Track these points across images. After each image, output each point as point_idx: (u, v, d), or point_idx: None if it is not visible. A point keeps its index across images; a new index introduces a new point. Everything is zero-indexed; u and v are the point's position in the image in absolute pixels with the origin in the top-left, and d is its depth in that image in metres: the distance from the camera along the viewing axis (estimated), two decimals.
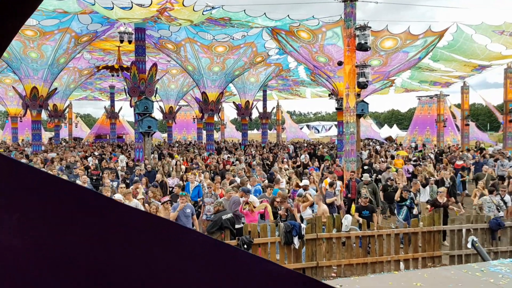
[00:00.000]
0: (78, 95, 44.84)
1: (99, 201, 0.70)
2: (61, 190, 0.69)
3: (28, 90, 22.21)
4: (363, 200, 9.93)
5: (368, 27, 13.91)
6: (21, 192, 0.67)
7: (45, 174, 0.70)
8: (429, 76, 32.90)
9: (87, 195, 0.70)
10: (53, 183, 0.69)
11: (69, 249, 0.65)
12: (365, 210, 9.70)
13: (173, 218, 8.54)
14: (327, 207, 9.50)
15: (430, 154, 24.13)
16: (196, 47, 22.88)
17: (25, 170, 0.69)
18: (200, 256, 0.65)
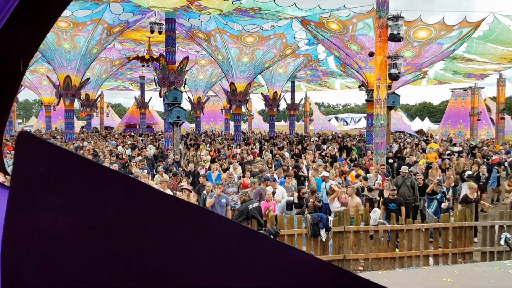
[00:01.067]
0: (110, 85, 45.72)
1: (141, 189, 0.70)
2: (104, 177, 0.69)
3: (61, 79, 22.78)
4: (390, 192, 9.76)
5: (401, 17, 13.57)
6: (69, 178, 0.68)
7: (89, 161, 0.70)
8: (463, 68, 31.93)
9: (131, 183, 0.70)
10: (98, 170, 0.70)
11: (108, 235, 0.66)
12: (393, 203, 9.54)
13: (209, 206, 8.62)
14: (360, 199, 9.39)
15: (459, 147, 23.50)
16: (225, 37, 22.90)
17: (74, 158, 0.70)
18: (235, 244, 0.64)
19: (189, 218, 0.66)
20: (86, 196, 0.65)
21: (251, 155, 17.39)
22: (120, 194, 0.65)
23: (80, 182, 0.65)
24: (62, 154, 0.67)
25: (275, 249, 0.64)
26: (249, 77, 25.19)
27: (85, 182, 0.66)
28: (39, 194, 0.66)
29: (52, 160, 0.66)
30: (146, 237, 0.65)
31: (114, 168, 8.27)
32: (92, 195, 0.66)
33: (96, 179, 0.66)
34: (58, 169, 0.66)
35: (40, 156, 0.67)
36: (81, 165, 0.66)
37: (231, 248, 0.63)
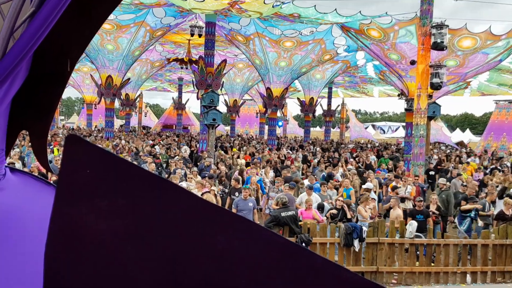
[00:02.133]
0: (149, 85, 46.75)
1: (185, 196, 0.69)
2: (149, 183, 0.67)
3: (103, 79, 23.48)
4: (417, 203, 9.45)
5: (445, 25, 13.21)
6: (114, 182, 0.67)
7: (132, 165, 0.69)
8: (509, 79, 30.74)
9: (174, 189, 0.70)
10: (143, 175, 0.69)
11: (147, 239, 0.65)
12: (419, 215, 9.21)
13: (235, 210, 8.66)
14: (401, 212, 9.16)
15: (507, 162, 22.55)
16: (264, 41, 22.98)
17: (120, 162, 0.69)
18: (264, 252, 0.63)
19: (233, 228, 0.64)
20: (131, 201, 0.65)
21: (287, 160, 17.34)
22: (165, 201, 0.65)
23: (126, 186, 0.65)
24: (109, 158, 0.67)
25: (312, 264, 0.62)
26: (285, 82, 25.15)
27: (130, 187, 0.65)
28: (84, 197, 0.66)
29: (99, 163, 0.66)
30: (189, 245, 0.64)
31: (152, 168, 8.43)
32: (137, 200, 0.65)
33: (141, 184, 0.65)
34: (104, 172, 0.66)
35: (87, 159, 0.67)
36: (127, 170, 0.65)
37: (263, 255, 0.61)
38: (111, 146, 19.47)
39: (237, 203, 8.74)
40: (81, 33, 1.10)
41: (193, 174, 11.96)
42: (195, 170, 12.24)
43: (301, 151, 22.53)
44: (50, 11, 0.82)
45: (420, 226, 8.77)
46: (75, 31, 1.07)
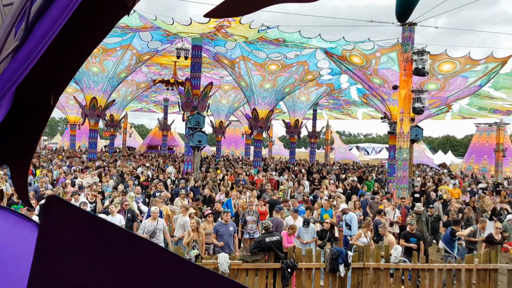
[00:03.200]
0: (134, 106, 46.61)
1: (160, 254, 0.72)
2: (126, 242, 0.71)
3: (88, 100, 23.35)
4: (410, 227, 9.54)
5: (426, 52, 13.57)
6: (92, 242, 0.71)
7: (113, 225, 0.73)
8: (489, 104, 31.50)
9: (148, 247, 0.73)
10: (120, 235, 0.72)
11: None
12: (413, 238, 9.30)
13: (214, 237, 8.62)
14: (393, 237, 9.20)
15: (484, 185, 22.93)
16: (249, 64, 23.22)
17: (98, 222, 0.73)
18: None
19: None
20: (107, 257, 0.68)
21: (269, 182, 17.31)
22: (139, 260, 0.68)
23: (102, 244, 0.68)
24: (87, 218, 0.70)
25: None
26: (271, 103, 25.35)
27: (106, 244, 0.68)
28: (62, 253, 0.69)
29: (77, 224, 0.69)
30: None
31: (137, 190, 8.37)
32: (112, 255, 0.68)
33: (119, 244, 0.68)
34: (83, 233, 0.69)
35: (67, 219, 0.70)
36: (105, 230, 0.69)
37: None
38: (94, 168, 19.25)
39: (217, 228, 8.68)
40: (66, 67, 1.10)
41: (181, 196, 11.88)
42: (182, 192, 12.16)
43: (287, 173, 22.59)
44: (35, 46, 0.81)
45: (412, 250, 8.89)
46: (59, 65, 1.07)
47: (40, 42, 0.84)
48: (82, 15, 0.94)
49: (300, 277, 7.98)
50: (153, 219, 8.75)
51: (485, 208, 13.73)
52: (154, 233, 8.61)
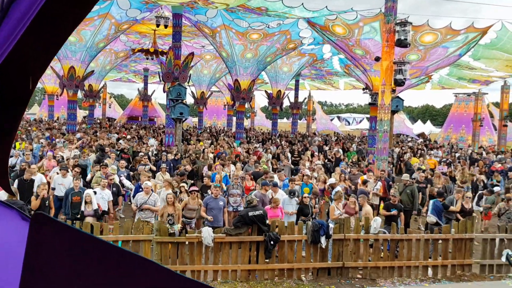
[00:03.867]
0: (113, 76, 45.64)
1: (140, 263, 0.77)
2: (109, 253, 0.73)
3: (65, 70, 22.75)
4: (392, 198, 9.76)
5: (409, 22, 13.51)
6: (77, 255, 0.72)
7: (96, 239, 0.75)
8: (468, 74, 31.84)
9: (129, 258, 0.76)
10: (102, 247, 0.73)
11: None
12: (394, 208, 9.54)
13: (204, 211, 8.67)
14: (371, 208, 9.38)
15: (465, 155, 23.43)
16: (231, 34, 22.83)
17: (83, 237, 0.75)
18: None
19: None
20: (92, 270, 0.70)
21: (254, 154, 17.34)
22: (124, 270, 0.72)
23: (88, 258, 0.70)
24: (73, 233, 0.71)
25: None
26: (252, 73, 25.12)
27: (92, 258, 0.70)
28: (50, 276, 0.70)
29: (63, 240, 0.70)
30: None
31: (121, 164, 8.25)
32: (98, 268, 0.70)
33: (102, 256, 0.70)
34: (68, 248, 0.70)
35: (53, 236, 0.71)
36: (88, 243, 0.70)
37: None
38: (75, 141, 18.95)
39: (207, 202, 8.72)
40: (44, 50, 1.07)
41: (162, 170, 11.83)
42: (163, 166, 12.09)
43: (267, 144, 22.67)
44: (12, 28, 0.80)
45: (394, 220, 9.11)
46: (37, 48, 1.04)
47: (17, 24, 0.80)
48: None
49: (283, 249, 8.13)
50: (146, 194, 8.76)
51: (463, 179, 14.05)
52: (141, 206, 8.67)
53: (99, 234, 7.53)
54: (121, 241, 7.58)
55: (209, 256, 7.91)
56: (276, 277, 8.07)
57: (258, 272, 8.05)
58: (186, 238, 7.79)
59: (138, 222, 7.88)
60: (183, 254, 7.82)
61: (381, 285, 8.06)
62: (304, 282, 7.96)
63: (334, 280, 8.11)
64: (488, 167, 18.24)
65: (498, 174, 15.13)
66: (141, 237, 7.65)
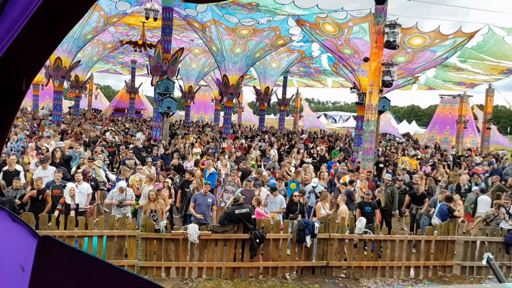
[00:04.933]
0: (100, 67, 45.13)
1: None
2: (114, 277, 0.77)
3: (52, 60, 22.42)
4: (366, 196, 9.84)
5: (398, 24, 13.62)
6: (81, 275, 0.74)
7: (100, 261, 0.77)
8: (454, 76, 32.26)
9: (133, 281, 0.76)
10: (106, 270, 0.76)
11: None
12: (368, 206, 9.62)
13: (192, 207, 8.65)
14: (346, 208, 9.44)
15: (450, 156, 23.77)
16: (221, 29, 22.74)
17: (89, 260, 0.76)
18: None
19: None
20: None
21: (239, 150, 17.34)
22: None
23: (93, 282, 0.70)
24: (80, 257, 0.72)
25: None
26: (241, 69, 25.07)
27: (96, 279, 0.70)
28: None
29: (70, 263, 0.70)
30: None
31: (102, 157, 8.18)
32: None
33: (107, 278, 0.70)
34: (74, 271, 0.70)
35: (60, 259, 0.72)
36: (94, 266, 0.71)
37: None
38: (57, 132, 18.72)
39: (196, 198, 8.70)
40: (39, 51, 1.07)
41: (148, 164, 11.76)
42: (149, 160, 12.01)
43: (255, 141, 22.71)
44: (8, 27, 0.79)
45: (368, 218, 9.20)
46: (33, 49, 1.04)
47: (14, 22, 0.80)
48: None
49: (268, 247, 8.17)
50: (121, 192, 8.73)
51: (451, 180, 14.25)
52: (121, 203, 8.64)
53: (84, 229, 7.48)
54: (106, 236, 7.54)
55: (194, 253, 7.91)
56: (261, 275, 8.11)
57: (243, 270, 8.09)
58: (171, 235, 7.78)
59: (124, 218, 7.85)
60: (168, 250, 7.81)
61: (364, 284, 8.17)
62: (288, 281, 8.02)
63: (318, 279, 8.18)
64: (469, 168, 18.54)
65: (477, 177, 15.35)
66: (127, 232, 7.61)
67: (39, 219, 7.28)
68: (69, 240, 7.40)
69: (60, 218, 7.57)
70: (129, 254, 7.66)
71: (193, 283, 7.55)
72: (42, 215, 7.48)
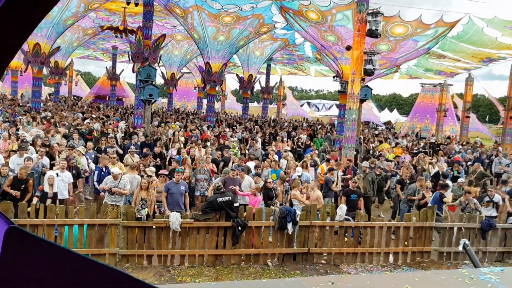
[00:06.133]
0: (80, 53, 44.28)
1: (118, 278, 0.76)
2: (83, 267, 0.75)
3: (31, 46, 21.92)
4: (352, 184, 9.95)
5: (380, 13, 13.67)
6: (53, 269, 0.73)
7: (71, 252, 0.76)
8: (435, 65, 32.62)
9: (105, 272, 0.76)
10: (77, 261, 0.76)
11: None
12: (353, 194, 9.76)
13: (165, 197, 8.62)
14: (321, 193, 9.54)
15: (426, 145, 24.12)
16: (203, 15, 22.50)
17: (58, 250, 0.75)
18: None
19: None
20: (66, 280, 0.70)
21: (222, 138, 17.31)
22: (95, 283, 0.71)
23: (61, 272, 0.70)
24: (49, 248, 0.71)
25: None
26: (224, 56, 24.92)
27: (65, 272, 0.70)
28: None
29: (39, 255, 0.70)
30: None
31: (89, 146, 8.12)
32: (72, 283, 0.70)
33: (75, 268, 0.71)
34: (44, 263, 0.70)
35: (28, 251, 0.71)
36: (65, 257, 0.70)
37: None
38: (39, 119, 18.40)
39: (168, 187, 8.67)
40: (12, 39, 1.05)
41: (131, 153, 11.66)
42: (133, 149, 11.91)
43: (238, 128, 22.69)
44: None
45: (353, 205, 9.34)
46: (5, 36, 1.02)
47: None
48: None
49: (250, 235, 8.23)
50: (115, 179, 8.62)
51: (424, 167, 14.49)
52: (110, 190, 8.56)
53: (64, 217, 7.41)
54: (86, 224, 7.49)
55: (176, 241, 7.92)
56: (243, 262, 8.18)
57: (225, 257, 8.14)
58: (153, 223, 7.77)
59: (105, 206, 7.79)
60: (150, 238, 7.80)
61: (344, 270, 8.31)
62: (270, 267, 8.11)
63: (299, 265, 8.29)
64: (449, 156, 18.88)
65: (458, 165, 15.61)
66: (108, 221, 7.58)
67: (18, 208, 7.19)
68: (49, 228, 7.34)
69: (38, 206, 7.48)
70: (110, 242, 7.63)
71: (175, 271, 7.57)
72: (22, 203, 7.39)
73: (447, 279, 4.90)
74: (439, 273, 5.37)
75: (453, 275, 5.12)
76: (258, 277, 7.62)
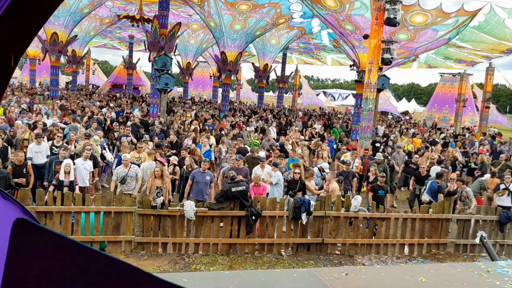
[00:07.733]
0: (97, 42, 44.58)
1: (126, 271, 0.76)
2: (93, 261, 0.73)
3: (48, 35, 22.14)
4: (380, 179, 9.79)
5: (399, 1, 13.42)
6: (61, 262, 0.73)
7: (80, 245, 0.75)
8: (454, 53, 31.98)
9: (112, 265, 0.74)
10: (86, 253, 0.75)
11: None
12: (381, 190, 9.66)
13: (189, 185, 8.66)
14: (337, 185, 9.45)
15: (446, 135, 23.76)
16: (220, 3, 22.37)
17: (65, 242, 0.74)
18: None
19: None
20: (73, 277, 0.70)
21: (237, 127, 17.31)
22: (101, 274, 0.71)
23: (68, 263, 0.69)
24: (56, 239, 0.71)
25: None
26: (240, 46, 24.79)
27: (72, 264, 0.69)
28: (31, 279, 0.70)
29: (47, 248, 0.70)
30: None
31: (100, 134, 8.18)
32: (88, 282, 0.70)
33: (92, 265, 0.70)
34: (52, 256, 0.70)
35: (36, 242, 0.71)
36: (72, 249, 0.70)
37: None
38: (57, 107, 18.63)
39: (194, 175, 8.71)
40: (26, 28, 1.06)
41: (145, 142, 11.72)
42: (147, 138, 11.98)
43: (253, 118, 22.64)
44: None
45: (380, 201, 9.24)
46: (20, 26, 1.03)
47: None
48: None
49: (264, 224, 8.24)
50: (125, 166, 8.68)
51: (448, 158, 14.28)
52: (124, 179, 8.59)
53: (82, 205, 7.51)
54: (102, 212, 7.59)
55: (191, 229, 7.98)
56: (257, 251, 8.20)
57: (239, 246, 8.18)
58: (168, 212, 7.83)
59: (120, 194, 7.87)
60: (165, 226, 7.87)
61: (359, 261, 8.27)
62: (283, 257, 8.12)
63: (313, 255, 8.28)
64: (469, 147, 18.56)
65: (476, 156, 15.31)
66: (123, 209, 7.66)
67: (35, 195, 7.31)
68: (66, 215, 7.45)
69: (55, 194, 7.59)
70: (126, 230, 7.72)
71: (189, 259, 7.64)
72: (39, 191, 7.51)
73: (463, 272, 4.83)
74: (455, 265, 5.29)
75: (469, 268, 5.05)
76: (272, 266, 7.64)
